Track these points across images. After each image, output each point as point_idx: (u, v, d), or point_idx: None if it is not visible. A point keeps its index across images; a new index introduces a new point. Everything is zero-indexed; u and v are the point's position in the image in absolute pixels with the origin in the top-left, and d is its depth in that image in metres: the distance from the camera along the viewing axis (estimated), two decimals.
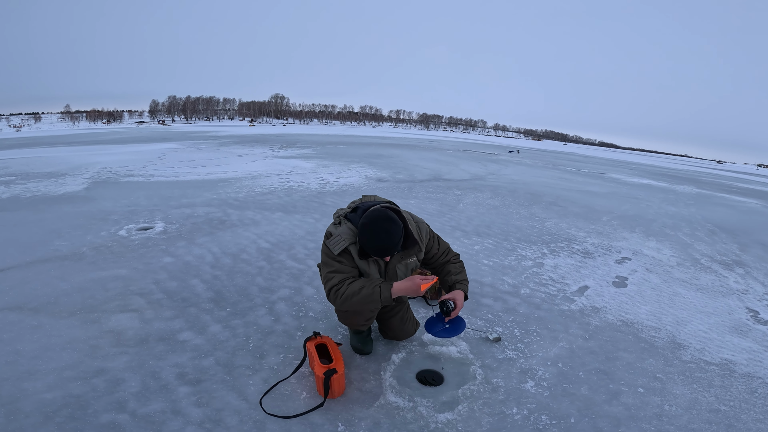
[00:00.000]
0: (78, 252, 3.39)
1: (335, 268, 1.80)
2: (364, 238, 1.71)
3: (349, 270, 1.82)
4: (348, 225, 1.83)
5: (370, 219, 1.71)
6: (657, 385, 2.09)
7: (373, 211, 1.74)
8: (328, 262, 1.82)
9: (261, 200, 5.53)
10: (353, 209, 1.88)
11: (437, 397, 1.85)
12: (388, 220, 1.70)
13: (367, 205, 1.84)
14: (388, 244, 1.70)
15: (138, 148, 13.44)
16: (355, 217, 1.83)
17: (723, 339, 2.69)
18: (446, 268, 2.03)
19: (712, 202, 9.44)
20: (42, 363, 1.95)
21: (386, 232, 1.69)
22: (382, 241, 1.69)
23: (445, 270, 2.02)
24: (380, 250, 1.71)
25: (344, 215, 1.88)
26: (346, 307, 1.79)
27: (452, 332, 1.89)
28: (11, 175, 7.10)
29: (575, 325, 2.66)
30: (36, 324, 2.28)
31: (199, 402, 1.75)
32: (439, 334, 1.89)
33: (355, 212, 1.85)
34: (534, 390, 1.97)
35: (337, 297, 1.76)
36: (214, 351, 2.10)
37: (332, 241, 1.79)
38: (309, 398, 1.79)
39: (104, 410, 1.68)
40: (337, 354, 1.82)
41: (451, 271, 2.00)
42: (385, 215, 1.71)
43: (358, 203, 1.92)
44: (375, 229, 1.68)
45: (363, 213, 1.80)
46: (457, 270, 2.01)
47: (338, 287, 1.77)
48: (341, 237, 1.79)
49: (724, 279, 3.92)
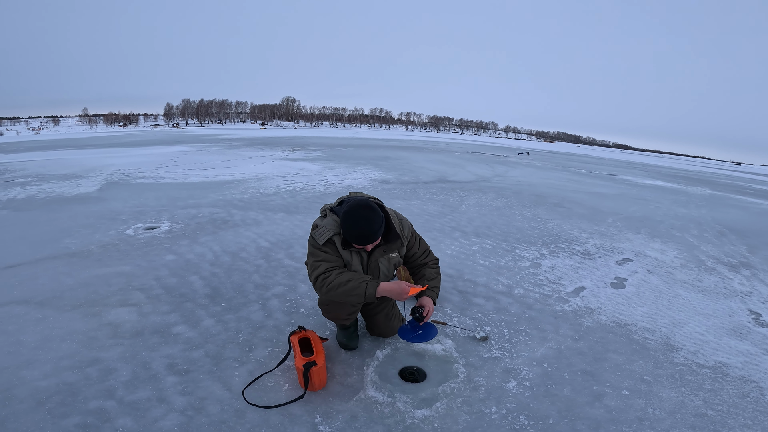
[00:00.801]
0: (86, 250, 3.52)
1: (321, 258, 1.86)
2: (346, 225, 1.77)
3: (335, 260, 1.88)
4: (333, 217, 1.90)
5: (350, 207, 1.78)
6: (643, 388, 2.06)
7: (355, 200, 1.81)
8: (314, 252, 1.88)
9: (265, 201, 5.64)
10: (339, 202, 1.95)
11: (417, 393, 1.88)
12: (368, 208, 1.77)
13: (352, 199, 1.90)
14: (367, 231, 1.76)
15: (151, 150, 13.77)
16: (339, 209, 1.89)
17: (720, 341, 2.64)
18: (422, 271, 2.08)
19: (724, 204, 9.22)
20: (41, 353, 2.05)
21: (365, 219, 1.75)
22: (362, 228, 1.75)
23: (420, 273, 2.08)
24: (360, 237, 1.77)
25: (330, 208, 1.95)
26: (330, 296, 1.84)
27: (424, 338, 1.96)
28: (28, 177, 7.37)
29: (566, 325, 2.65)
30: (40, 317, 2.39)
31: (184, 391, 1.82)
32: (412, 339, 1.95)
33: (340, 205, 1.92)
34: (515, 390, 1.97)
35: (324, 285, 1.82)
36: (205, 344, 2.17)
37: (318, 232, 1.86)
38: (291, 390, 1.84)
39: (93, 397, 1.77)
40: (318, 347, 1.87)
41: (426, 275, 2.06)
42: (365, 203, 1.78)
43: (344, 198, 1.98)
44: (355, 217, 1.75)
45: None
46: (431, 276, 2.06)
47: (326, 275, 1.82)
48: (326, 228, 1.85)
49: (729, 281, 3.85)
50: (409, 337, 1.96)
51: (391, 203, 5.92)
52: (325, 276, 1.83)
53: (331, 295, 1.83)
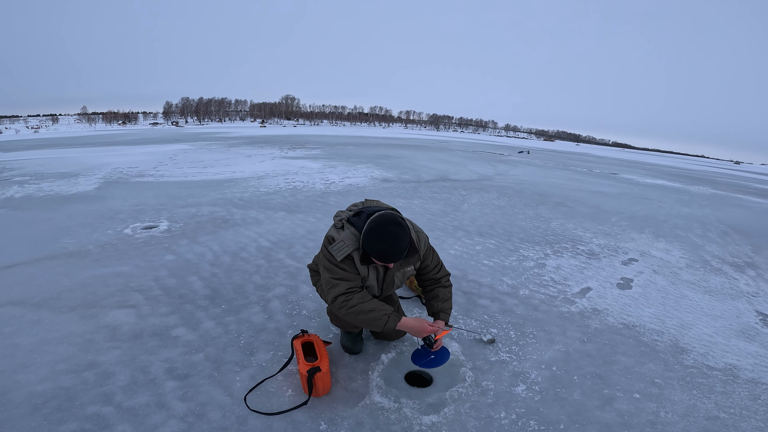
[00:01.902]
0: (84, 249, 3.47)
1: (340, 275, 1.74)
2: (372, 241, 1.64)
3: (354, 278, 1.77)
4: (351, 230, 1.76)
5: (378, 223, 1.65)
6: (654, 391, 2.03)
7: (381, 215, 1.69)
8: (330, 268, 1.76)
9: (265, 200, 5.58)
10: (356, 213, 1.82)
11: (424, 398, 1.83)
12: (397, 225, 1.66)
13: (371, 209, 1.79)
14: (396, 250, 1.65)
15: (150, 149, 13.69)
16: (358, 221, 1.77)
17: (729, 343, 2.61)
18: (435, 291, 1.97)
19: (727, 203, 9.18)
20: (38, 356, 2.00)
21: (395, 236, 1.64)
22: (391, 246, 1.64)
23: (434, 293, 1.97)
24: (387, 255, 1.65)
25: (347, 219, 1.81)
26: (348, 318, 1.75)
27: (437, 362, 1.88)
28: (26, 175, 7.30)
29: (573, 327, 2.61)
30: (36, 318, 2.34)
31: (184, 396, 1.77)
32: (426, 364, 1.88)
33: (358, 216, 1.79)
34: (524, 394, 1.93)
35: (343, 307, 1.71)
36: (205, 347, 2.12)
37: (335, 247, 1.72)
38: (294, 396, 1.79)
39: (91, 402, 1.72)
40: (322, 352, 1.82)
41: (440, 296, 1.96)
42: (394, 219, 1.67)
43: (360, 207, 1.86)
44: (384, 234, 1.63)
45: (367, 217, 1.74)
46: (445, 297, 1.96)
47: (347, 298, 1.71)
48: (344, 243, 1.72)
49: (735, 281, 3.81)
50: (422, 362, 1.88)
51: (392, 202, 5.87)
52: (346, 298, 1.71)
53: (350, 318, 1.74)
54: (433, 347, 1.84)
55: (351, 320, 1.76)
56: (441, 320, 1.92)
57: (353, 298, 1.72)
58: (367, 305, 1.71)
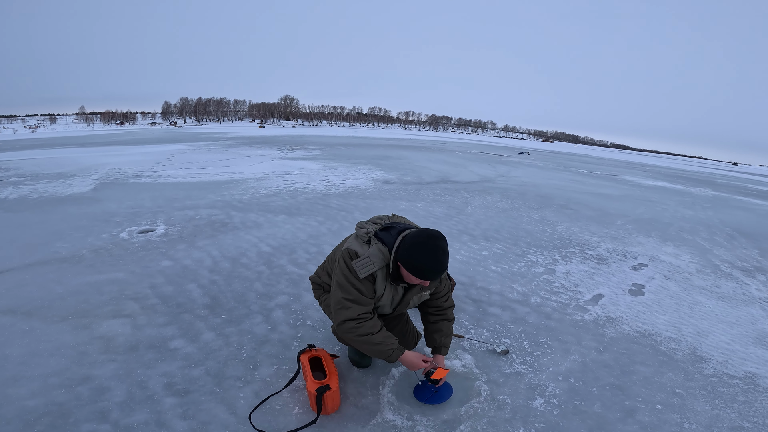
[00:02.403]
0: (77, 254, 3.34)
1: (353, 297, 1.62)
2: (419, 256, 1.53)
3: (368, 301, 1.65)
4: (378, 245, 1.63)
5: (428, 237, 1.54)
6: (676, 402, 1.95)
7: (426, 230, 1.58)
8: (346, 286, 1.62)
9: (265, 202, 5.46)
10: (385, 227, 1.69)
11: (438, 415, 1.72)
12: (444, 241, 1.57)
13: (402, 226, 1.68)
14: (443, 266, 1.56)
15: (148, 149, 13.55)
16: (387, 237, 1.64)
17: (746, 350, 2.53)
18: (440, 325, 1.86)
19: (729, 205, 9.13)
20: (28, 369, 1.89)
21: (445, 252, 1.55)
22: (441, 262, 1.54)
23: (437, 327, 1.87)
24: (434, 271, 1.55)
25: (374, 233, 1.68)
26: (351, 343, 1.68)
27: (440, 398, 1.80)
28: (21, 176, 7.16)
29: (588, 336, 2.51)
30: (27, 328, 2.22)
31: (185, 414, 1.66)
32: (429, 400, 1.79)
33: (388, 231, 1.66)
34: (543, 408, 1.83)
35: (351, 332, 1.62)
36: (205, 360, 2.00)
37: (360, 263, 1.59)
38: (301, 414, 1.68)
39: (86, 419, 1.61)
40: (331, 368, 1.71)
41: (443, 331, 1.86)
42: (441, 235, 1.57)
43: (386, 222, 1.73)
44: (435, 248, 1.53)
45: (398, 234, 1.63)
46: (448, 332, 1.87)
47: (358, 324, 1.61)
48: (370, 260, 1.60)
49: (746, 286, 3.73)
50: (425, 398, 1.79)
51: (395, 205, 5.77)
52: (357, 324, 1.61)
53: (353, 343, 1.65)
54: (439, 383, 1.77)
55: (353, 345, 1.68)
56: (441, 355, 1.84)
57: (364, 326, 1.62)
58: (377, 337, 1.63)
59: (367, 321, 1.63)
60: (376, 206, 5.60)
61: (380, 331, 1.65)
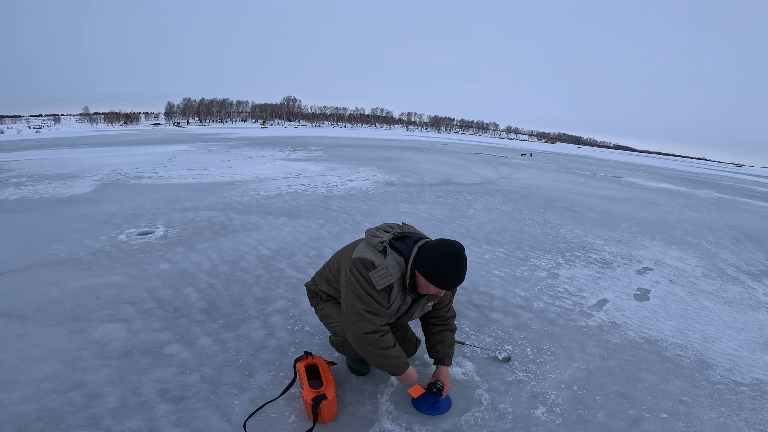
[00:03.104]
0: (75, 257, 3.32)
1: (374, 309, 1.58)
2: (445, 266, 1.52)
3: (386, 314, 1.62)
4: (395, 256, 1.59)
5: (452, 248, 1.54)
6: (682, 410, 1.90)
7: (446, 240, 1.58)
8: (364, 297, 1.58)
9: (265, 204, 5.43)
10: (399, 237, 1.66)
11: (438, 424, 1.68)
12: (464, 250, 1.57)
13: (416, 236, 1.66)
14: (464, 275, 1.56)
15: (151, 150, 13.56)
16: (403, 246, 1.61)
17: (754, 357, 2.49)
18: (443, 335, 1.83)
19: (733, 208, 9.04)
20: (21, 373, 1.85)
21: (466, 262, 1.56)
22: (463, 272, 1.54)
23: (440, 337, 1.83)
24: (455, 281, 1.55)
25: (389, 243, 1.64)
26: (367, 356, 1.62)
27: (438, 409, 1.77)
28: (23, 177, 7.16)
29: (593, 342, 2.46)
30: (21, 332, 2.19)
31: (178, 422, 1.62)
32: (428, 411, 1.75)
33: (402, 241, 1.63)
34: (545, 417, 1.78)
35: (374, 346, 1.58)
36: (201, 366, 1.96)
37: (378, 274, 1.56)
38: (297, 422, 1.63)
39: (78, 426, 1.57)
40: (328, 377, 1.67)
41: (446, 341, 1.82)
42: (461, 246, 1.56)
43: (399, 231, 1.70)
44: (458, 258, 1.53)
45: (414, 243, 1.62)
46: (451, 342, 1.84)
47: (381, 335, 1.59)
48: (387, 270, 1.56)
49: (753, 291, 3.67)
50: (424, 408, 1.75)
51: (397, 207, 5.72)
52: (380, 337, 1.58)
53: (369, 356, 1.61)
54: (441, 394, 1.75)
55: (367, 358, 1.63)
56: (445, 366, 1.80)
57: (385, 338, 1.60)
58: (394, 351, 1.62)
59: (387, 334, 1.61)
60: (378, 208, 5.56)
61: (396, 346, 1.64)
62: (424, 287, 1.60)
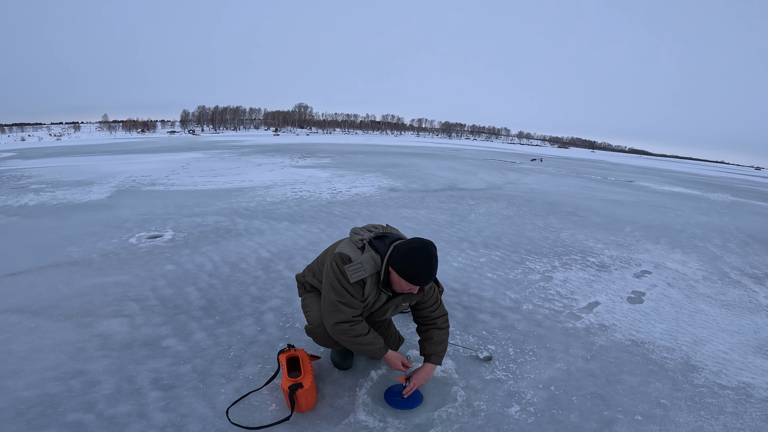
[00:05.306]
0: (88, 258, 3.51)
1: (347, 301, 1.68)
2: (412, 261, 1.60)
3: (359, 305, 1.72)
4: (371, 253, 1.69)
5: (422, 244, 1.63)
6: (658, 412, 1.91)
7: (419, 238, 1.67)
8: (338, 289, 1.68)
9: (270, 210, 5.59)
10: (379, 236, 1.75)
11: (410, 418, 1.75)
12: (435, 248, 1.66)
13: (394, 236, 1.76)
14: (434, 272, 1.64)
15: (165, 157, 14.00)
16: (381, 245, 1.71)
17: (744, 360, 2.47)
18: (430, 333, 1.89)
19: (747, 211, 8.83)
20: (28, 363, 2.01)
21: (436, 259, 1.64)
22: (433, 267, 1.62)
23: (428, 335, 1.89)
24: (425, 276, 1.62)
25: (369, 241, 1.74)
26: (343, 343, 1.73)
27: (406, 404, 1.82)
28: (42, 183, 7.52)
29: (577, 344, 2.49)
30: (33, 326, 2.36)
31: (166, 407, 1.75)
32: (395, 404, 1.82)
33: (381, 240, 1.73)
34: (518, 416, 1.83)
35: (345, 334, 1.68)
36: (194, 358, 2.09)
37: (352, 268, 1.65)
38: (277, 411, 1.74)
39: (73, 410, 1.72)
40: (307, 368, 1.77)
41: (434, 339, 1.88)
42: (432, 243, 1.65)
43: (381, 231, 1.80)
44: (428, 255, 1.61)
45: (391, 243, 1.71)
46: (439, 339, 1.88)
47: (351, 325, 1.68)
48: (362, 266, 1.65)
49: (754, 294, 3.62)
50: (391, 401, 1.83)
51: (398, 212, 5.82)
52: (351, 326, 1.68)
53: (345, 343, 1.72)
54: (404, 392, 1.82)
55: (343, 343, 1.74)
56: (432, 363, 1.86)
57: (356, 328, 1.69)
58: (368, 338, 1.72)
59: (359, 323, 1.71)
60: (379, 214, 5.66)
61: (369, 333, 1.73)
62: (397, 284, 1.69)
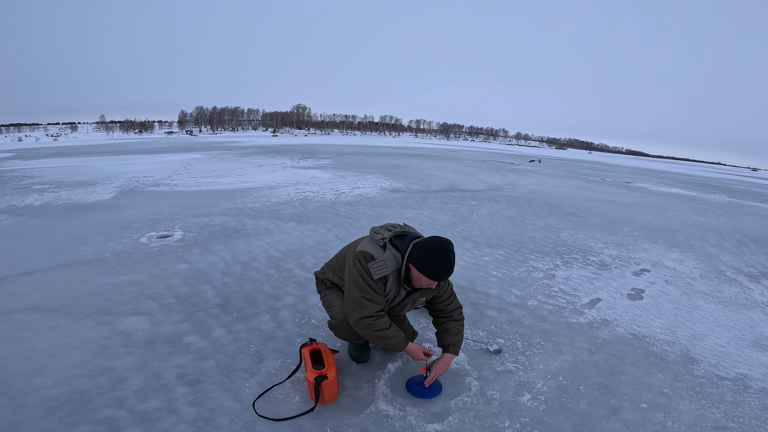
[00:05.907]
0: (100, 257, 3.57)
1: (371, 297, 1.76)
2: (434, 259, 1.70)
3: (382, 300, 1.81)
4: (393, 251, 1.78)
5: (440, 242, 1.72)
6: (662, 401, 2.01)
7: (438, 237, 1.76)
8: (362, 286, 1.76)
9: (276, 210, 5.67)
10: (399, 235, 1.84)
11: (428, 407, 1.84)
12: (452, 245, 1.75)
13: (413, 235, 1.86)
14: (453, 267, 1.73)
15: (165, 158, 14.02)
16: (401, 243, 1.79)
17: (741, 353, 2.57)
18: (447, 324, 1.99)
19: (743, 212, 8.99)
20: (54, 360, 2.07)
21: (454, 256, 1.73)
22: (451, 265, 1.71)
23: (445, 326, 1.99)
24: (444, 272, 1.71)
25: (389, 240, 1.83)
26: (366, 336, 1.82)
27: (426, 394, 1.92)
28: (45, 184, 7.55)
29: (582, 338, 2.59)
30: (54, 324, 2.42)
31: (194, 402, 1.82)
32: (416, 393, 1.92)
33: (401, 239, 1.81)
34: (530, 404, 1.93)
35: (369, 328, 1.77)
36: (216, 354, 2.17)
37: (376, 265, 1.74)
38: (301, 403, 1.82)
39: (104, 406, 1.77)
40: (330, 360, 1.85)
41: (450, 330, 1.97)
42: (450, 241, 1.75)
43: (399, 230, 1.90)
44: (447, 252, 1.70)
45: (410, 241, 1.80)
46: (456, 330, 1.97)
47: (375, 320, 1.77)
48: (385, 263, 1.75)
49: (750, 291, 3.73)
50: (413, 390, 1.93)
51: (402, 213, 5.91)
52: (374, 321, 1.77)
53: (367, 336, 1.81)
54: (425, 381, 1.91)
55: (367, 337, 1.82)
56: (451, 353, 1.94)
57: (379, 322, 1.78)
58: (390, 331, 1.80)
59: (382, 318, 1.79)
60: (383, 214, 5.75)
61: (391, 327, 1.82)
62: (416, 280, 1.78)
